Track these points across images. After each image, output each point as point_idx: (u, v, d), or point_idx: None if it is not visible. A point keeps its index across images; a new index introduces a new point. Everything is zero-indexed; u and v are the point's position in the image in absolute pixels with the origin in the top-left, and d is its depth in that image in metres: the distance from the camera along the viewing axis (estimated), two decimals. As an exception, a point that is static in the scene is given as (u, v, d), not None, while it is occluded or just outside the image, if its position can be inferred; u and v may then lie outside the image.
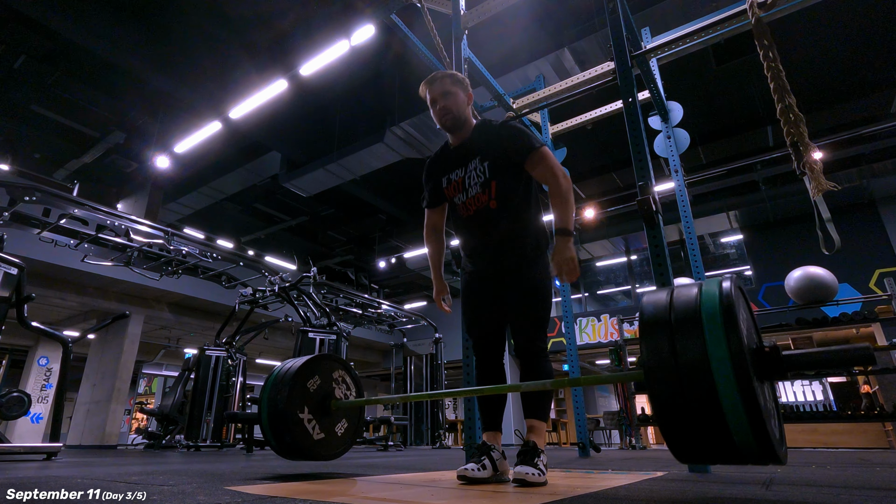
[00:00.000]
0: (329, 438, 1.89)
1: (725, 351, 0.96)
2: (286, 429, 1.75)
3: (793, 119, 2.04)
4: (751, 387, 0.93)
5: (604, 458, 3.81)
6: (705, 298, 1.04)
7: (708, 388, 0.95)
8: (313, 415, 1.84)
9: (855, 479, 1.78)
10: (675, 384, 0.99)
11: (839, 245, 2.01)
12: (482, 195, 1.76)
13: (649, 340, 1.05)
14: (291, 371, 1.84)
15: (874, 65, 7.08)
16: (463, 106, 1.83)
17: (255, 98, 7.60)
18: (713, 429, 0.97)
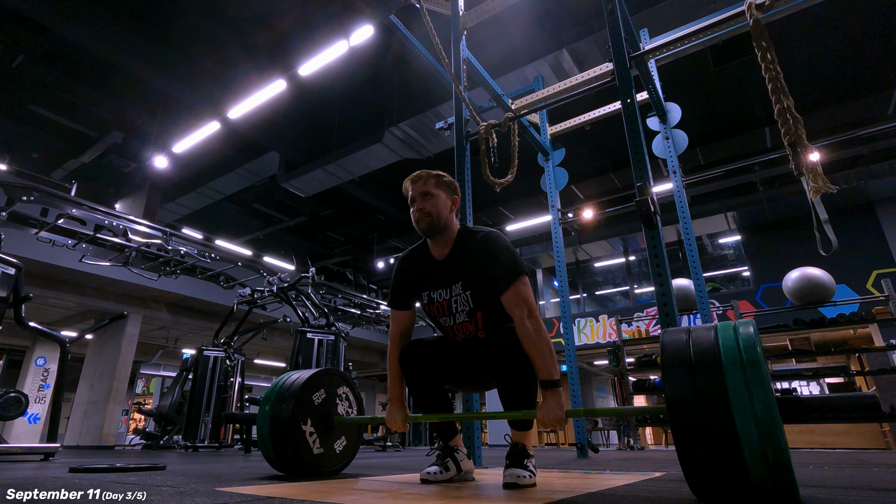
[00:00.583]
0: (328, 454, 1.88)
1: (746, 397, 0.98)
2: (288, 439, 1.72)
3: (791, 120, 2.04)
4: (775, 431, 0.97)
5: (602, 458, 3.81)
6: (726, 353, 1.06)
7: (730, 433, 0.98)
8: (315, 428, 1.82)
9: (853, 479, 1.78)
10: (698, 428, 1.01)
11: (837, 246, 2.02)
12: (469, 325, 1.67)
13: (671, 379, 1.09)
14: (299, 382, 1.82)
15: (872, 66, 7.10)
16: (443, 210, 1.69)
17: (253, 98, 7.60)
18: (735, 473, 0.99)
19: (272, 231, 12.83)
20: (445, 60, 3.09)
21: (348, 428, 1.99)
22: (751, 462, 0.97)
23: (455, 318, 1.69)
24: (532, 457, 1.55)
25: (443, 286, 1.71)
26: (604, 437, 10.83)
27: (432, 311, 1.75)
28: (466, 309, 1.66)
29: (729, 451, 0.98)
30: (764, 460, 0.97)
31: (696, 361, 1.07)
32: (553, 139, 4.88)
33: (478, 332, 1.66)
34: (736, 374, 1.01)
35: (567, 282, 4.24)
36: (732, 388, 1.00)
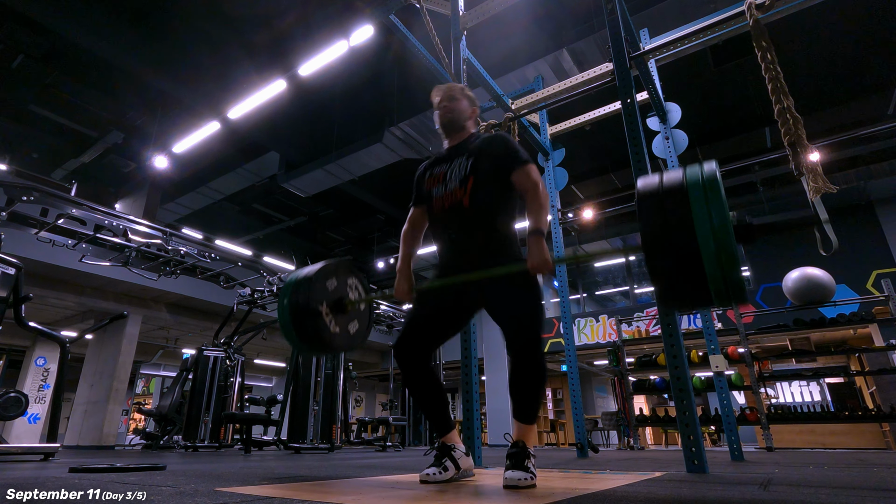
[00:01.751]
0: (343, 334, 2.03)
1: (707, 221, 1.16)
2: (308, 319, 1.88)
3: (791, 120, 2.04)
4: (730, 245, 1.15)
5: (602, 458, 3.81)
6: (690, 180, 1.24)
7: (692, 251, 1.17)
8: (331, 311, 1.97)
9: (853, 479, 1.78)
10: (665, 246, 1.21)
11: (837, 246, 2.01)
12: (458, 190, 1.73)
13: (646, 214, 1.26)
14: (312, 271, 1.97)
15: (872, 66, 7.10)
16: (464, 112, 1.90)
17: (253, 98, 7.60)
18: (697, 286, 1.19)
19: (272, 231, 12.83)
20: (445, 60, 3.09)
21: (360, 315, 2.15)
22: (710, 275, 1.16)
23: (446, 187, 1.77)
24: (533, 457, 1.54)
25: (447, 161, 1.84)
26: (604, 437, 10.84)
27: (430, 185, 1.85)
28: (461, 176, 1.75)
29: (692, 268, 1.17)
30: (719, 265, 1.15)
31: (664, 191, 1.26)
32: (553, 139, 4.88)
33: (463, 197, 1.71)
34: (698, 194, 1.20)
35: (567, 282, 4.24)
36: (695, 206, 1.18)
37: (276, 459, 3.80)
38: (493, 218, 1.71)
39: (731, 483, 1.60)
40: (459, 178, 1.75)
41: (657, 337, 7.64)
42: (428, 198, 1.86)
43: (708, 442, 10.17)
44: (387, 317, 10.88)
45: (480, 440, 2.68)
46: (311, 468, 2.44)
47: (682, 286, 1.22)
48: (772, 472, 2.17)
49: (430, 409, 1.75)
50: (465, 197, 1.71)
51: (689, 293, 1.23)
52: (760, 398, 5.74)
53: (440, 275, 1.78)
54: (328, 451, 5.73)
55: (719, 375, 3.65)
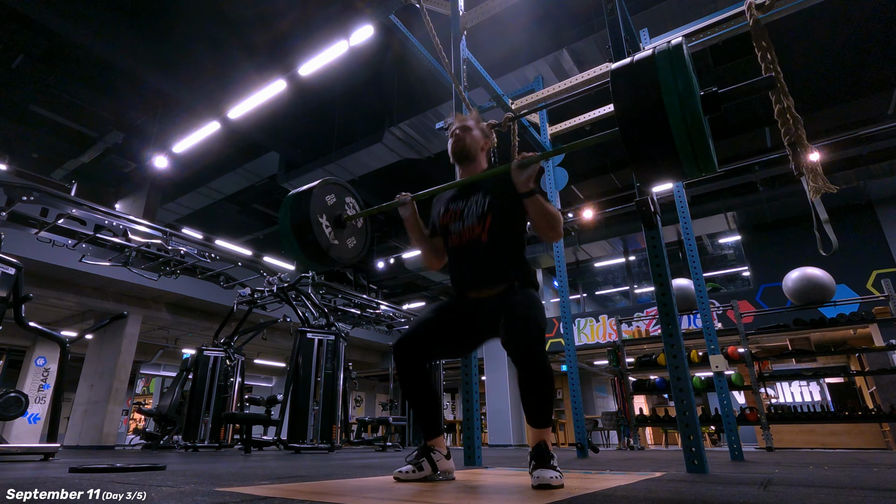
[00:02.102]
0: (342, 247, 2.10)
1: (674, 93, 1.22)
2: (308, 228, 1.93)
3: (791, 120, 2.05)
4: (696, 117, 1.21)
5: (602, 458, 3.81)
6: (658, 51, 1.29)
7: (661, 117, 1.23)
8: (329, 223, 2.04)
9: (853, 479, 1.78)
10: (639, 123, 1.27)
11: (837, 246, 2.02)
12: (476, 227, 1.75)
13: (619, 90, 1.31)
14: (311, 185, 2.03)
15: (872, 66, 7.10)
16: (477, 142, 1.91)
17: (253, 98, 7.60)
18: (667, 152, 1.26)
19: (272, 231, 12.83)
20: (445, 60, 3.09)
21: (358, 231, 2.22)
22: (677, 139, 1.21)
23: (464, 223, 1.79)
24: (554, 456, 1.53)
25: (462, 198, 1.85)
26: (604, 437, 10.84)
27: (446, 219, 1.87)
28: (479, 213, 1.77)
29: (661, 131, 1.22)
30: (688, 137, 1.21)
31: (635, 65, 1.31)
32: (553, 139, 4.88)
33: (482, 234, 1.74)
34: (664, 64, 1.25)
35: (567, 282, 4.24)
36: (662, 76, 1.24)
37: (276, 459, 3.80)
38: (510, 250, 1.76)
39: (731, 483, 1.60)
40: (477, 215, 1.77)
41: (657, 337, 7.65)
42: (444, 231, 1.88)
43: (708, 442, 10.17)
44: (387, 317, 10.88)
45: (480, 440, 2.68)
46: (311, 468, 2.44)
47: (654, 156, 1.28)
48: (772, 472, 2.17)
49: (421, 412, 1.75)
50: (484, 233, 1.74)
51: (661, 163, 1.29)
52: (760, 398, 5.74)
53: (456, 297, 1.82)
54: (328, 451, 5.73)
55: (719, 375, 3.65)
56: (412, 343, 1.73)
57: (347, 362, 6.87)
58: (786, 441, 7.61)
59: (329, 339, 6.36)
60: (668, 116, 1.22)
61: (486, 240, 1.74)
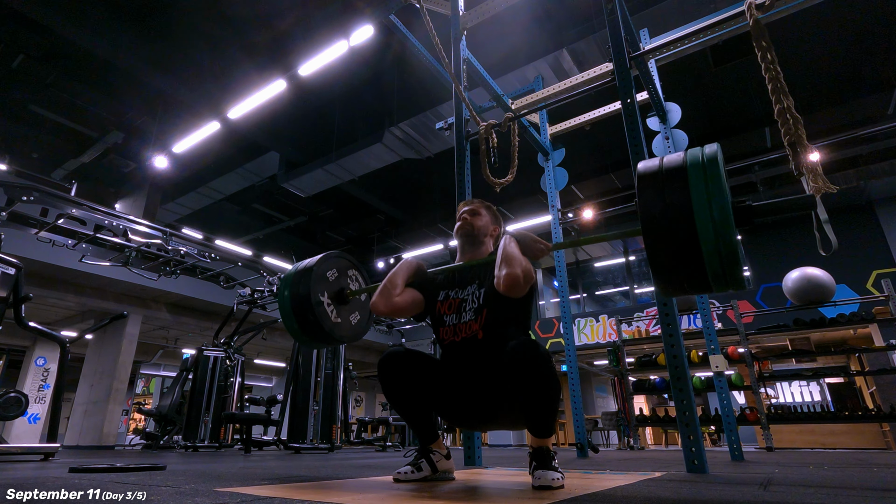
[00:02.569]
0: (345, 324, 2.05)
1: (706, 203, 1.15)
2: (309, 309, 1.89)
3: (791, 120, 2.04)
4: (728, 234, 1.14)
5: (602, 458, 3.81)
6: (691, 163, 1.22)
7: (692, 237, 1.16)
8: (332, 301, 2.00)
9: (853, 479, 1.78)
10: (666, 236, 1.20)
11: (836, 246, 2.01)
12: (473, 323, 1.68)
13: (644, 195, 1.24)
14: (312, 262, 2.00)
15: (872, 66, 7.10)
16: (484, 227, 1.84)
17: (253, 98, 7.60)
18: (695, 269, 1.18)
19: (272, 231, 12.83)
20: (445, 60, 3.08)
21: (362, 305, 2.18)
22: (707, 258, 1.15)
23: (461, 317, 1.71)
24: (556, 457, 1.52)
25: (461, 286, 1.78)
26: (604, 437, 10.84)
27: (443, 309, 1.77)
28: (475, 307, 1.70)
29: (690, 251, 1.16)
30: (718, 256, 1.14)
31: (665, 177, 1.23)
32: (553, 139, 4.88)
33: (478, 331, 1.66)
34: (699, 185, 1.17)
35: (567, 282, 4.24)
36: (696, 197, 1.16)
37: (276, 459, 3.80)
38: (508, 339, 1.61)
39: (731, 483, 1.60)
40: (474, 308, 1.70)
41: (657, 337, 7.65)
42: (438, 320, 1.78)
43: (708, 442, 10.17)
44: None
45: (480, 440, 2.68)
46: (311, 468, 2.44)
47: (679, 270, 1.21)
48: (772, 472, 2.17)
49: (418, 421, 1.70)
50: (480, 330, 1.66)
51: (686, 278, 1.22)
52: (760, 398, 5.74)
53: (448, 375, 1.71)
54: (328, 451, 5.73)
55: (719, 375, 3.65)
56: (397, 356, 1.66)
57: (347, 362, 6.87)
58: (786, 441, 7.60)
59: (329, 339, 6.35)
60: (698, 234, 1.14)
61: (481, 337, 1.65)
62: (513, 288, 1.49)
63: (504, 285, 1.49)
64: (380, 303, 1.74)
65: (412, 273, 1.84)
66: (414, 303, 1.80)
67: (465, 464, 2.55)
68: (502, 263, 1.53)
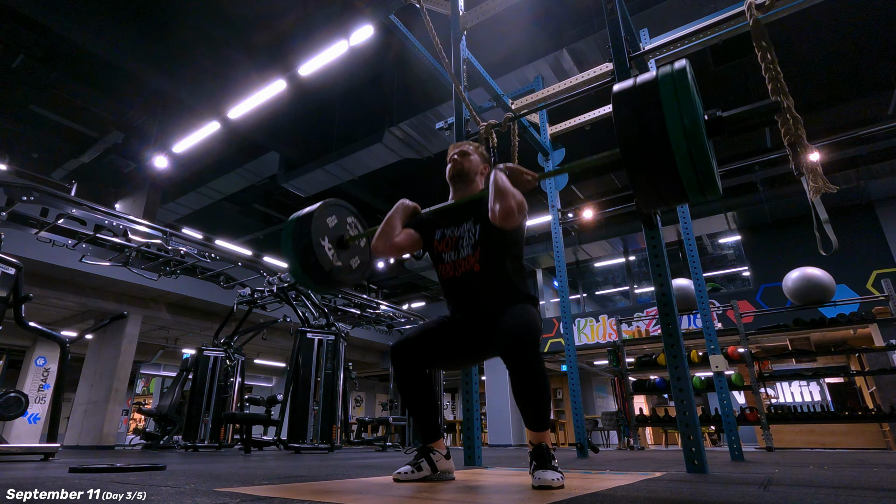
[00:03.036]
0: (345, 268, 2.12)
1: (678, 119, 1.21)
2: (311, 252, 1.96)
3: (791, 120, 2.04)
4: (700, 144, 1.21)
5: (602, 458, 3.81)
6: (661, 75, 1.29)
7: (664, 144, 1.22)
8: (332, 245, 2.07)
9: (853, 479, 1.78)
10: (641, 148, 1.26)
11: (837, 246, 2.01)
12: (471, 257, 1.77)
13: (621, 113, 1.30)
14: (313, 208, 2.06)
15: (873, 66, 7.10)
16: (475, 167, 1.95)
17: (253, 98, 7.60)
18: (671, 179, 1.25)
19: (272, 231, 12.83)
20: (445, 60, 3.08)
21: (361, 250, 2.24)
22: (681, 167, 1.21)
23: (459, 254, 1.81)
24: (555, 456, 1.53)
25: (455, 224, 1.87)
26: (604, 437, 10.84)
27: (440, 247, 1.87)
28: (472, 242, 1.80)
29: (665, 161, 1.22)
30: (692, 164, 1.21)
31: (638, 93, 1.29)
32: (553, 139, 4.88)
33: (475, 264, 1.76)
34: (670, 98, 1.23)
35: (567, 282, 4.24)
36: (667, 110, 1.22)
37: (276, 459, 3.80)
38: (504, 276, 1.76)
39: (731, 483, 1.60)
40: (471, 244, 1.79)
41: (657, 337, 7.65)
42: (437, 259, 1.88)
43: (708, 442, 10.17)
44: (387, 317, 10.88)
45: (480, 440, 2.68)
46: (311, 468, 2.44)
47: (657, 181, 1.27)
48: (772, 472, 2.17)
49: (420, 416, 1.74)
50: (476, 264, 1.76)
51: (664, 188, 1.28)
52: (760, 398, 5.74)
53: (452, 318, 1.82)
54: (328, 451, 5.73)
55: (719, 375, 3.65)
56: (412, 346, 1.73)
57: (347, 362, 6.87)
58: (786, 441, 7.60)
59: (329, 339, 6.36)
60: (671, 143, 1.20)
61: (478, 270, 1.75)
62: (508, 219, 1.59)
63: (500, 217, 1.59)
64: (380, 244, 1.86)
65: (408, 214, 1.95)
66: (412, 242, 1.91)
67: (465, 464, 2.55)
68: (495, 197, 1.62)
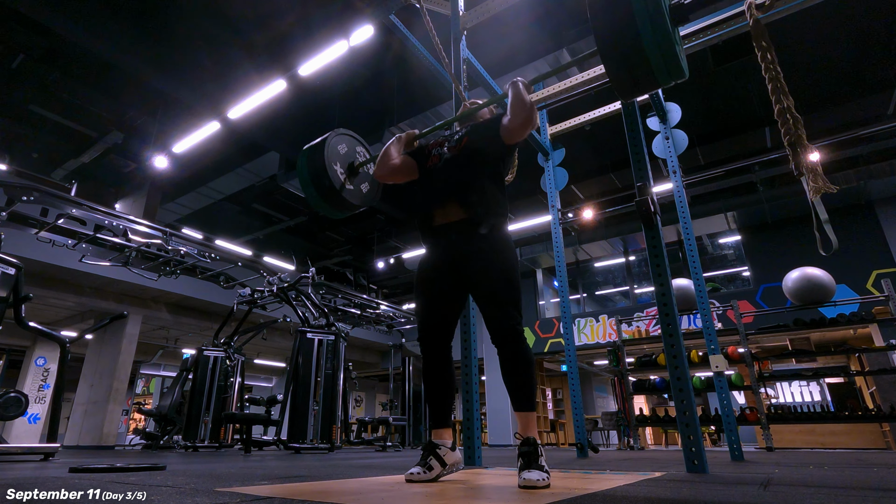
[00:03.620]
0: (356, 191, 2.27)
1: (643, 5, 1.34)
2: (325, 175, 2.11)
3: (791, 120, 2.04)
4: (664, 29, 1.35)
5: (602, 458, 3.81)
6: None
7: (634, 33, 1.37)
8: (344, 170, 2.21)
9: (853, 479, 1.78)
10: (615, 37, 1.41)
11: (836, 246, 2.01)
12: (453, 147, 1.94)
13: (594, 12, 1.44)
14: (325, 137, 2.19)
15: (872, 66, 7.10)
16: (482, 114, 2.13)
17: (253, 98, 7.59)
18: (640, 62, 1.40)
19: (272, 231, 12.82)
20: (445, 60, 3.08)
21: (370, 178, 2.38)
22: (648, 52, 1.36)
23: (443, 147, 1.97)
24: (543, 455, 1.55)
25: (450, 135, 2.05)
26: (604, 437, 10.84)
27: (429, 148, 2.02)
28: (457, 137, 1.97)
29: (635, 49, 1.37)
30: (658, 49, 1.35)
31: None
32: (553, 139, 4.88)
33: (457, 152, 1.91)
34: None
35: (567, 282, 4.24)
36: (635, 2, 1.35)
37: (276, 459, 3.80)
38: (480, 173, 1.83)
39: (731, 483, 1.60)
40: (456, 138, 1.97)
41: (657, 337, 7.65)
42: (426, 156, 2.01)
43: (708, 442, 10.17)
44: (387, 317, 10.88)
45: (480, 440, 2.68)
46: (311, 468, 2.44)
47: (630, 69, 1.42)
48: (772, 472, 2.17)
49: (437, 400, 1.81)
50: (458, 152, 1.91)
51: (637, 76, 1.42)
52: (760, 398, 5.74)
53: (429, 251, 1.88)
54: (328, 451, 5.73)
55: (719, 375, 3.65)
56: (435, 328, 1.80)
57: (347, 362, 6.87)
58: (786, 441, 7.60)
59: (329, 339, 6.36)
60: (638, 28, 1.35)
61: (458, 155, 1.89)
62: (525, 128, 1.75)
63: (520, 125, 1.74)
64: (378, 170, 2.04)
65: (405, 143, 2.12)
66: (409, 166, 2.04)
67: (465, 464, 2.55)
68: (517, 105, 1.75)
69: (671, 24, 1.39)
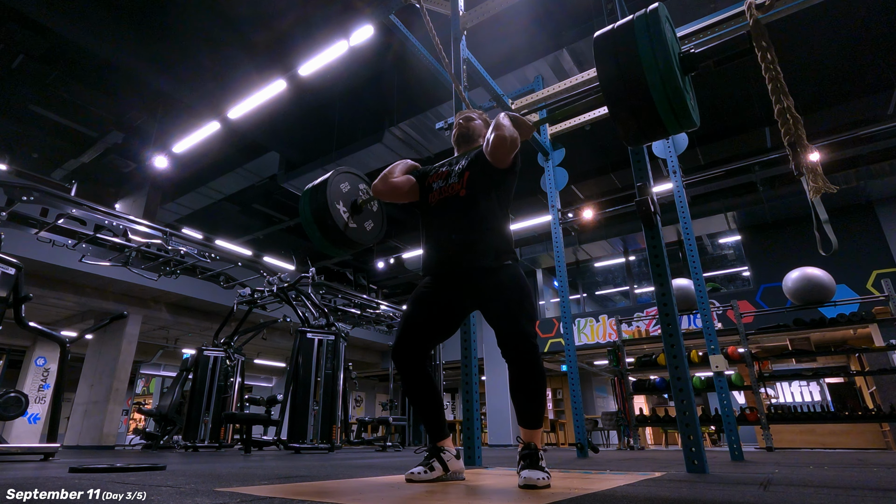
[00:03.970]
0: (360, 230, 2.27)
1: (652, 58, 1.33)
2: (327, 215, 2.12)
3: (791, 120, 2.04)
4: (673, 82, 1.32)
5: (602, 458, 3.81)
6: (637, 20, 1.40)
7: (642, 85, 1.33)
8: (347, 209, 2.22)
9: (853, 479, 1.78)
10: (621, 86, 1.38)
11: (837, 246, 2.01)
12: (456, 184, 1.86)
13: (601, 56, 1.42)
14: (327, 176, 2.20)
15: (872, 66, 7.09)
16: (478, 130, 2.04)
17: (253, 98, 7.59)
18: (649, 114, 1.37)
19: (272, 231, 12.82)
20: (445, 60, 3.08)
21: (374, 214, 2.39)
22: (658, 103, 1.33)
23: (447, 181, 1.90)
24: (543, 458, 1.55)
25: (451, 164, 1.98)
26: (604, 437, 10.84)
27: (431, 179, 1.97)
28: (459, 171, 1.89)
29: (643, 99, 1.34)
30: (667, 100, 1.32)
31: (617, 32, 1.41)
32: (553, 139, 4.88)
33: (461, 189, 1.83)
34: (644, 39, 1.34)
35: (567, 282, 4.24)
36: (642, 51, 1.33)
37: (276, 459, 3.80)
38: (488, 210, 1.79)
39: (731, 483, 1.60)
40: (458, 172, 1.88)
41: (657, 337, 7.65)
42: (427, 189, 1.95)
43: (708, 442, 10.17)
44: (387, 317, 10.88)
45: (480, 440, 2.68)
46: (311, 468, 2.44)
47: (637, 117, 1.39)
48: (772, 472, 2.17)
49: (426, 415, 1.77)
50: (462, 189, 1.82)
51: (644, 124, 1.39)
52: (760, 398, 5.74)
53: (432, 270, 1.81)
54: (328, 451, 5.73)
55: (719, 375, 3.65)
56: (407, 345, 1.74)
57: (347, 362, 6.87)
58: (786, 441, 7.60)
59: (329, 339, 6.36)
60: (646, 78, 1.31)
61: (463, 195, 1.81)
62: (500, 148, 1.66)
63: (492, 145, 1.66)
64: (379, 184, 1.97)
65: (408, 168, 2.07)
66: (410, 186, 1.99)
67: (465, 464, 2.55)
68: (493, 128, 1.69)
69: (681, 74, 1.35)
